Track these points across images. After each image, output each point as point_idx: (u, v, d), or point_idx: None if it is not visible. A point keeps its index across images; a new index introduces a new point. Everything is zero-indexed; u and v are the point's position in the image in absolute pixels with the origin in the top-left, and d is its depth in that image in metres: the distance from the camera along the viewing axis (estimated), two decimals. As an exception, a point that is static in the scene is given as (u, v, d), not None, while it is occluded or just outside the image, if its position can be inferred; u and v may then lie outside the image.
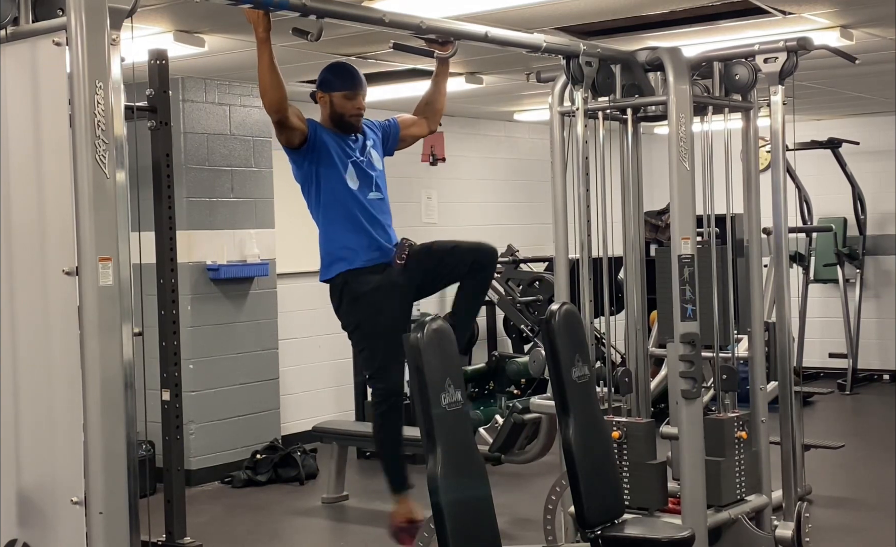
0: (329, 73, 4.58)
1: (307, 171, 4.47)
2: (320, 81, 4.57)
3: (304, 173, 4.49)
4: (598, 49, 4.96)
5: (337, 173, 4.46)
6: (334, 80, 4.54)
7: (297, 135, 4.36)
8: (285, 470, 7.93)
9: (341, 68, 4.60)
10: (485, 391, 9.04)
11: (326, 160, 4.45)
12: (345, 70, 4.58)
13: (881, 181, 11.16)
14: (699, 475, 4.73)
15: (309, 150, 4.40)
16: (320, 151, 4.43)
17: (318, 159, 4.44)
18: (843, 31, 6.48)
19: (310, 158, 4.43)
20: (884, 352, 11.33)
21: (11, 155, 3.13)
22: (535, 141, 10.98)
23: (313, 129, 4.42)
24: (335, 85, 4.52)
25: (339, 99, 4.50)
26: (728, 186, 5.09)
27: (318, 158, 4.44)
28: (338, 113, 4.51)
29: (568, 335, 4.33)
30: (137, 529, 3.01)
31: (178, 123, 7.75)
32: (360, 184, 4.51)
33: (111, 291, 2.93)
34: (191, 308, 7.81)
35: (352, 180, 4.50)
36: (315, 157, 4.44)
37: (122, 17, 3.00)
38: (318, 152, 4.42)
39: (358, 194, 4.50)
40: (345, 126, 4.52)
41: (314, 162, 4.44)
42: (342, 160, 4.48)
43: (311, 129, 4.41)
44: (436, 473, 3.58)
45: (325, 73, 4.59)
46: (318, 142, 4.41)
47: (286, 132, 4.36)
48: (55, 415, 3.05)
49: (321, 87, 4.55)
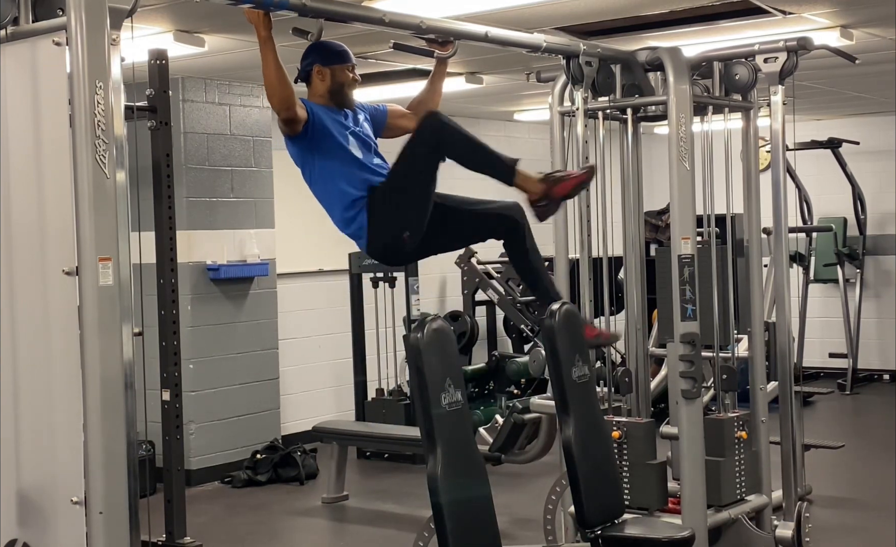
0: (323, 48, 4.53)
1: (307, 147, 4.43)
2: (318, 57, 4.50)
3: (302, 153, 4.46)
4: (598, 49, 4.96)
5: (341, 145, 4.42)
6: (330, 54, 4.50)
7: (300, 124, 4.35)
8: (285, 470, 7.94)
9: (331, 43, 4.58)
10: (485, 391, 9.05)
11: (328, 136, 4.41)
12: (335, 45, 4.56)
13: (881, 181, 11.16)
14: (699, 475, 4.73)
15: (310, 130, 4.38)
16: (321, 130, 4.41)
17: (321, 136, 4.41)
18: (843, 31, 6.48)
19: (311, 137, 4.40)
20: (884, 352, 11.33)
21: (11, 155, 3.13)
22: (535, 141, 10.97)
23: (310, 110, 4.40)
24: (333, 58, 4.49)
25: (339, 71, 4.48)
26: (728, 186, 5.09)
27: (319, 136, 4.41)
28: (339, 83, 4.47)
29: (568, 335, 4.33)
30: (137, 529, 3.01)
31: (178, 123, 7.75)
32: (364, 153, 4.49)
33: (111, 291, 2.93)
34: (191, 308, 7.81)
35: (356, 150, 4.47)
36: (316, 135, 4.41)
37: (122, 17, 3.00)
38: (317, 130, 4.40)
39: (366, 162, 4.47)
40: (342, 97, 4.49)
41: (315, 139, 4.41)
42: (342, 133, 4.45)
43: (308, 111, 4.39)
44: (436, 473, 3.57)
45: (317, 49, 4.53)
46: (316, 121, 4.40)
47: (293, 125, 4.33)
48: (55, 415, 3.05)
49: (322, 61, 4.49)
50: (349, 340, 8.72)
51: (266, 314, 8.40)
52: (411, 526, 5.93)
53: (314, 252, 9.12)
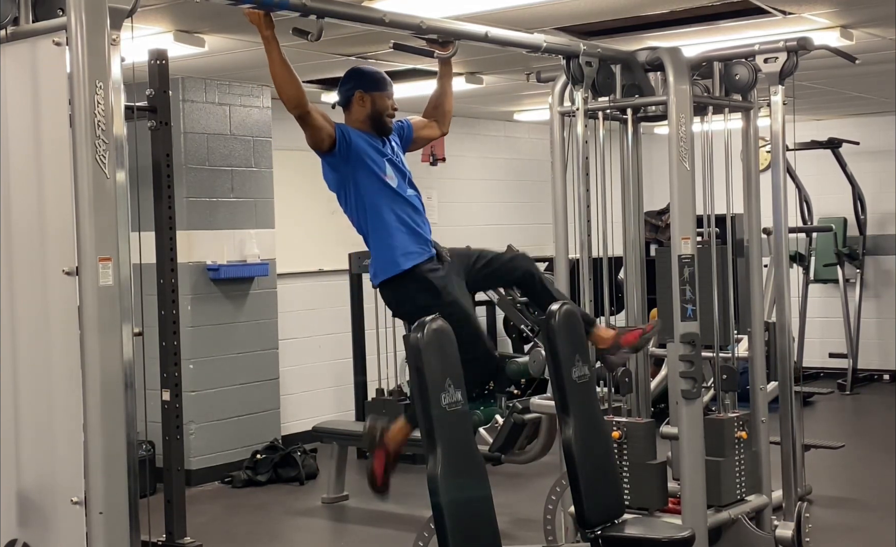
0: (365, 74, 4.52)
1: (344, 174, 4.38)
2: (360, 83, 4.48)
3: (340, 178, 4.39)
4: (598, 49, 4.96)
5: (377, 175, 4.39)
6: (373, 81, 4.49)
7: (324, 135, 4.27)
8: (285, 470, 7.94)
9: (372, 70, 4.57)
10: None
11: (364, 163, 4.37)
12: (376, 72, 4.56)
13: (881, 181, 11.16)
14: (699, 475, 4.73)
15: (343, 153, 4.32)
16: (356, 154, 4.36)
17: (356, 162, 4.36)
18: (843, 31, 6.48)
19: (346, 162, 4.35)
20: (884, 352, 11.33)
21: (11, 155, 3.14)
22: (535, 141, 10.97)
23: (342, 131, 4.34)
24: (375, 86, 4.47)
25: (379, 98, 4.46)
26: (728, 186, 5.09)
27: (355, 161, 4.36)
28: (378, 112, 4.46)
29: (568, 335, 4.33)
30: (137, 529, 3.01)
31: (178, 123, 7.75)
32: (399, 181, 4.48)
33: (111, 291, 2.93)
34: (191, 308, 7.81)
35: (391, 179, 4.45)
36: (352, 160, 4.36)
37: (122, 17, 3.00)
38: (353, 155, 4.35)
39: (400, 192, 4.46)
40: (382, 125, 4.48)
41: (351, 165, 4.36)
42: (379, 161, 4.42)
43: (338, 132, 4.32)
44: (436, 473, 3.58)
45: (359, 75, 4.51)
46: (351, 144, 4.34)
47: (312, 131, 4.25)
48: (55, 415, 3.05)
49: (363, 87, 4.47)
50: (349, 339, 8.71)
51: (266, 314, 8.40)
52: (411, 526, 5.92)
53: (314, 252, 9.12)
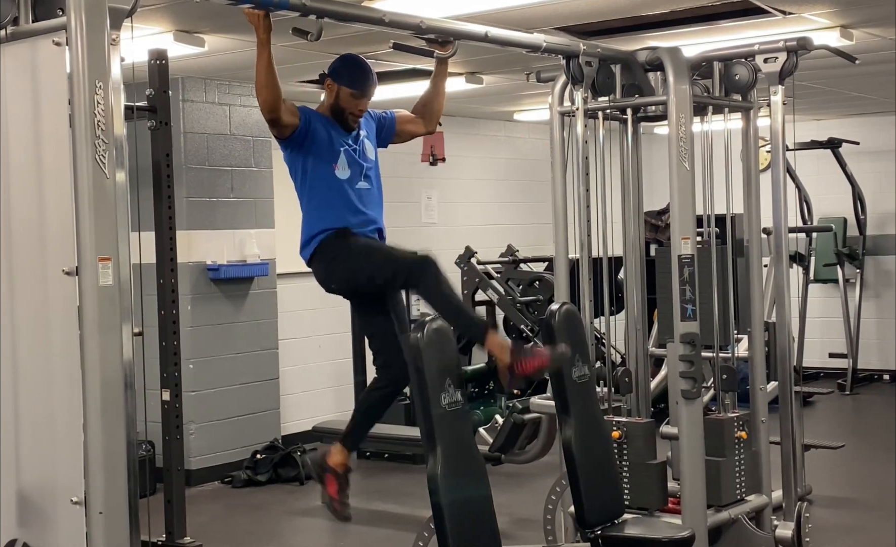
0: (345, 65, 4.53)
1: (294, 155, 4.49)
2: (334, 69, 4.51)
3: (291, 157, 4.52)
4: (598, 49, 4.96)
5: (325, 162, 4.45)
6: (347, 75, 4.50)
7: (288, 129, 4.39)
8: (285, 470, 7.93)
9: (358, 65, 4.55)
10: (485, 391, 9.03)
11: (316, 148, 4.44)
12: (361, 69, 4.54)
13: (881, 181, 11.16)
14: (699, 475, 4.73)
15: (299, 137, 4.41)
16: (311, 140, 4.43)
17: (308, 147, 4.44)
18: (843, 31, 6.48)
19: (299, 145, 4.44)
20: (884, 352, 11.33)
21: (11, 155, 3.14)
22: (535, 141, 10.97)
23: (306, 119, 4.41)
24: (347, 80, 4.48)
25: (345, 94, 4.47)
26: (728, 186, 5.09)
27: (308, 146, 4.44)
28: (340, 106, 4.49)
29: (568, 335, 4.33)
30: (137, 529, 3.01)
31: (178, 123, 7.75)
32: (351, 173, 4.49)
33: (111, 291, 2.93)
34: (191, 308, 7.81)
35: (342, 170, 4.47)
36: (305, 145, 4.44)
37: (122, 17, 3.00)
38: (308, 140, 4.42)
39: (346, 184, 4.47)
40: (343, 120, 4.51)
41: (303, 149, 4.45)
42: (333, 149, 4.46)
43: (303, 119, 4.40)
44: (436, 473, 3.58)
45: (341, 62, 4.54)
46: (309, 130, 4.42)
47: (279, 129, 4.40)
48: (55, 415, 3.05)
49: (333, 75, 4.50)
50: (349, 339, 8.71)
51: (266, 314, 8.40)
52: (411, 526, 5.92)
53: (314, 252, 9.10)
